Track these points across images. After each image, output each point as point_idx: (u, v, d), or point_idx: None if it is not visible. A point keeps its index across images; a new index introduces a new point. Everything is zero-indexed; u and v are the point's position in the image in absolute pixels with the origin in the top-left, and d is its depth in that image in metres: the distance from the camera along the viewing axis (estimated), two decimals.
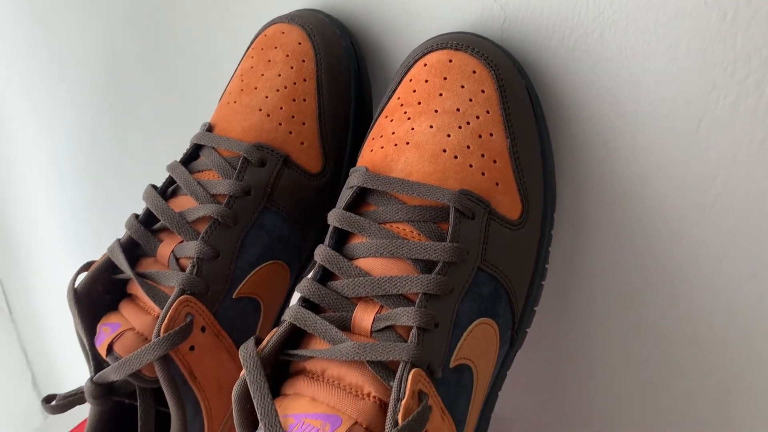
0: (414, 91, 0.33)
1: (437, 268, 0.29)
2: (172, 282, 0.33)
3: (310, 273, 0.31)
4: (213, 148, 0.37)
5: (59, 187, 0.71)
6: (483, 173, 0.31)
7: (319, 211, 0.37)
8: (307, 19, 0.38)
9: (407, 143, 0.32)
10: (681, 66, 0.30)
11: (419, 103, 0.33)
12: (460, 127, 0.32)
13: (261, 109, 0.37)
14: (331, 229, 0.31)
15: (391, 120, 0.33)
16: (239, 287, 0.35)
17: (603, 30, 0.32)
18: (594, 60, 0.32)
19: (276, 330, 0.29)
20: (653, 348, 0.38)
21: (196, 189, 0.35)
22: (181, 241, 0.35)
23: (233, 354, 0.35)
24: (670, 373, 0.38)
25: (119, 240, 0.36)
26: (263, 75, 0.38)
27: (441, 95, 0.32)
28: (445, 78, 0.32)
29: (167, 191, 0.37)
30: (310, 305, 0.30)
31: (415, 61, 0.33)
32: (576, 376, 0.43)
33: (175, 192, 0.37)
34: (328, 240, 0.31)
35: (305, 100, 0.37)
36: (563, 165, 0.35)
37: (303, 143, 0.37)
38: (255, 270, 0.36)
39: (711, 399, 0.38)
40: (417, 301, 0.28)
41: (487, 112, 0.32)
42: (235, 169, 0.36)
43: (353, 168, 0.33)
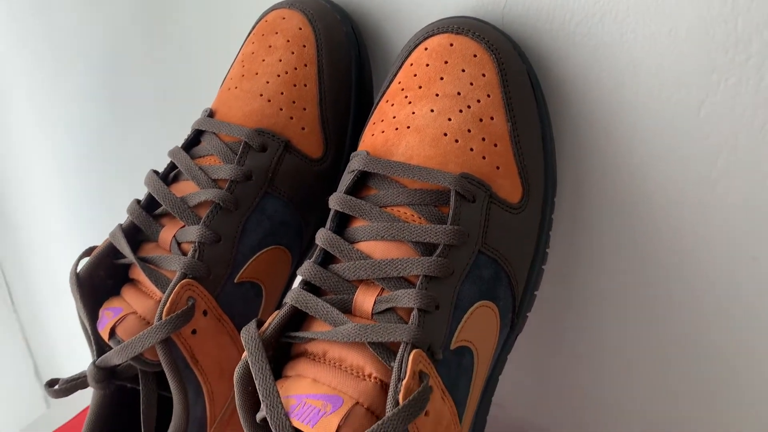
0: (415, 75, 0.33)
1: (438, 250, 0.29)
2: (173, 266, 0.33)
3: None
4: (214, 133, 0.37)
5: (60, 175, 0.71)
6: (484, 157, 0.32)
7: (321, 197, 0.37)
8: (308, 5, 0.38)
9: (408, 127, 0.32)
10: (682, 49, 0.30)
11: (420, 87, 0.33)
12: (460, 111, 0.32)
13: (262, 95, 0.37)
14: (332, 213, 0.31)
15: (392, 104, 0.33)
16: (241, 272, 0.35)
17: (604, 14, 0.32)
18: (595, 44, 0.32)
19: (277, 312, 0.29)
20: (654, 332, 0.38)
21: (197, 174, 0.35)
22: (183, 226, 0.35)
23: (235, 338, 0.35)
24: (671, 356, 0.38)
25: (121, 225, 0.36)
26: (264, 60, 0.38)
27: (442, 79, 0.32)
28: (446, 62, 0.32)
29: (169, 176, 0.37)
30: (311, 288, 0.30)
31: (416, 46, 0.33)
32: (577, 360, 0.43)
33: (177, 177, 0.37)
34: (329, 223, 0.31)
35: (306, 85, 0.37)
36: (564, 149, 0.35)
37: (304, 128, 0.37)
38: (256, 255, 0.36)
39: (712, 380, 0.38)
40: (418, 283, 0.28)
41: (488, 95, 0.32)
42: (237, 155, 0.36)
43: (354, 152, 0.33)
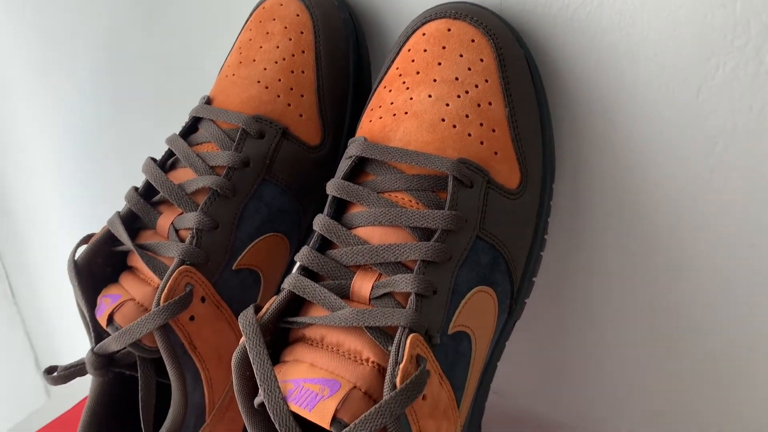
0: (413, 61, 0.33)
1: (435, 235, 0.29)
2: (171, 253, 0.33)
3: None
4: (212, 120, 0.37)
5: (57, 162, 0.71)
6: (482, 142, 0.31)
7: (319, 184, 0.37)
8: None
9: (406, 113, 0.32)
10: (680, 33, 0.30)
11: (418, 73, 0.33)
12: (458, 96, 0.32)
13: (259, 81, 0.37)
14: (330, 199, 0.31)
15: (390, 90, 0.33)
16: (239, 259, 0.35)
17: None
18: (593, 29, 0.32)
19: (275, 298, 0.29)
20: (653, 320, 0.38)
21: (195, 161, 0.35)
22: (181, 213, 0.35)
23: (233, 325, 0.35)
24: (670, 343, 0.38)
25: (119, 212, 0.36)
26: (261, 47, 0.38)
27: (440, 64, 0.32)
28: (444, 47, 0.32)
29: (166, 164, 0.37)
30: (309, 274, 0.30)
31: (414, 31, 0.33)
32: (576, 348, 0.43)
33: (174, 165, 0.37)
34: (327, 209, 0.31)
35: (304, 72, 0.37)
36: (562, 135, 0.35)
37: (302, 115, 0.37)
38: (254, 242, 0.36)
39: (711, 367, 0.38)
40: (415, 268, 0.28)
41: (486, 81, 0.32)
42: (234, 141, 0.36)
43: (352, 138, 0.33)
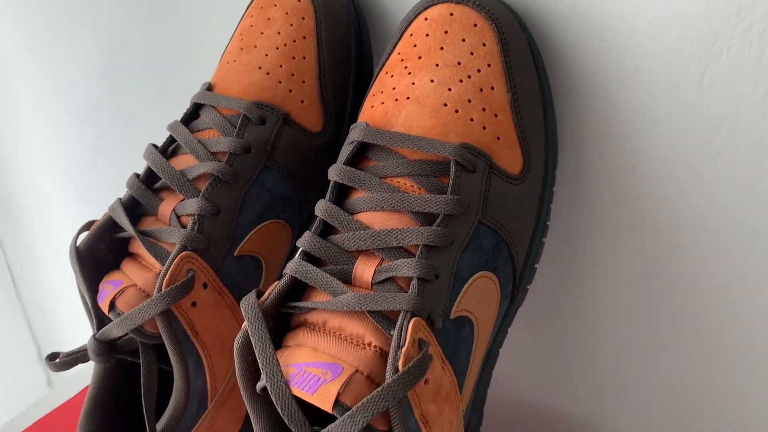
0: (415, 46, 0.33)
1: (438, 220, 0.29)
2: (173, 238, 0.33)
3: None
4: (213, 106, 0.37)
5: (59, 150, 0.71)
6: (484, 127, 0.31)
7: (320, 171, 0.37)
8: None
9: (408, 98, 0.32)
10: (683, 17, 0.30)
11: (420, 58, 0.32)
12: (461, 81, 0.31)
13: (261, 68, 0.37)
14: (332, 184, 0.31)
15: (392, 75, 0.33)
16: (241, 245, 0.35)
17: None
18: (596, 13, 0.32)
19: (277, 283, 0.29)
20: (655, 309, 0.38)
21: (196, 147, 0.35)
22: (182, 199, 0.35)
23: (235, 312, 0.35)
24: (671, 332, 0.38)
25: (120, 199, 0.36)
26: (263, 33, 0.38)
27: (442, 49, 0.32)
28: (446, 32, 0.32)
29: (168, 150, 0.37)
30: (311, 259, 0.30)
31: (416, 16, 0.33)
32: (577, 337, 0.43)
33: (176, 151, 0.37)
34: (328, 195, 0.31)
35: (305, 57, 0.37)
36: (565, 120, 0.35)
37: (303, 101, 0.37)
38: (256, 228, 0.36)
39: (712, 355, 0.38)
40: (417, 253, 0.28)
41: (489, 65, 0.32)
42: (235, 128, 0.36)
43: (354, 124, 0.33)
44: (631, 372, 0.42)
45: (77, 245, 0.35)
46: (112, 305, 0.33)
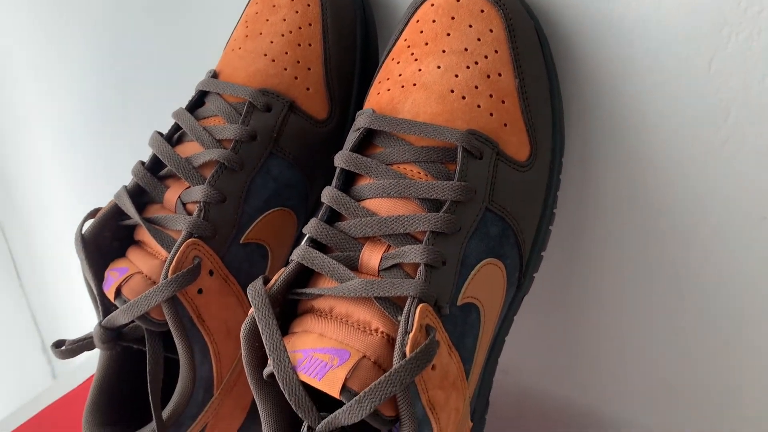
0: (421, 32, 0.32)
1: (445, 206, 0.29)
2: (179, 226, 0.33)
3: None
4: (218, 94, 0.37)
5: (63, 138, 0.71)
6: (491, 114, 0.31)
7: (326, 158, 0.37)
8: None
9: (414, 84, 0.32)
10: (691, 3, 0.30)
11: (426, 44, 0.32)
12: (468, 67, 0.31)
13: (266, 54, 0.37)
14: (338, 171, 0.31)
15: (398, 62, 0.33)
16: (246, 233, 0.35)
17: None
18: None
19: (284, 269, 0.29)
20: (662, 297, 0.38)
21: (201, 134, 0.35)
22: (188, 187, 0.35)
23: (242, 299, 0.35)
24: (678, 321, 0.38)
25: (126, 186, 0.35)
26: (268, 20, 0.37)
27: (449, 35, 0.32)
28: (453, 18, 0.32)
29: (173, 138, 0.37)
30: (317, 245, 0.30)
31: (423, 2, 0.33)
32: (583, 326, 0.43)
33: (181, 138, 0.37)
34: (335, 181, 0.31)
35: (311, 44, 0.37)
36: (572, 107, 0.35)
37: (309, 89, 0.37)
38: (262, 216, 0.36)
39: (718, 342, 0.38)
40: (424, 239, 0.28)
41: (496, 51, 0.31)
42: (241, 115, 0.35)
43: (360, 110, 0.33)
44: (636, 361, 0.42)
45: (83, 233, 0.35)
46: (118, 292, 0.33)
